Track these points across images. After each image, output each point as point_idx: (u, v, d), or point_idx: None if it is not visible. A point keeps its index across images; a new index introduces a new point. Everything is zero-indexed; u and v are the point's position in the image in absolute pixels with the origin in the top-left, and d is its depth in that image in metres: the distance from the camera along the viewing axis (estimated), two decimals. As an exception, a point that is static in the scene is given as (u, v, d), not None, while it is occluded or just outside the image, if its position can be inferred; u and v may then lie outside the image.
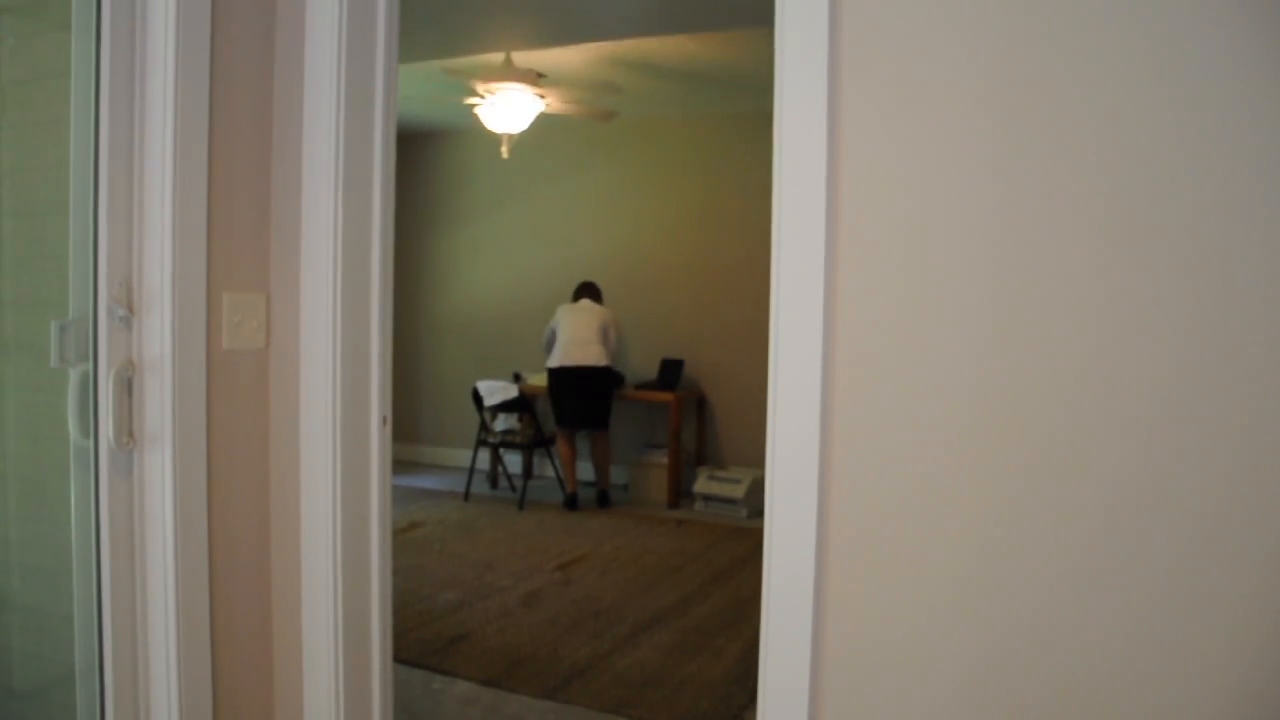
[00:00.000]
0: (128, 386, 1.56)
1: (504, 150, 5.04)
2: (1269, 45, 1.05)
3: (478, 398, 5.53)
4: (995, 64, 1.19)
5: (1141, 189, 1.11)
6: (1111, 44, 1.12)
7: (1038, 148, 1.17)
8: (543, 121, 5.00)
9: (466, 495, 5.67)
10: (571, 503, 5.45)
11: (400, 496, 5.41)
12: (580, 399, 5.32)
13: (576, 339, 5.31)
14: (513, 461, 6.16)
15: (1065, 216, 1.15)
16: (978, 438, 1.21)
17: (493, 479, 5.99)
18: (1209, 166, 1.08)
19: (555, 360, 5.33)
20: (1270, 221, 1.05)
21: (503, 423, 5.73)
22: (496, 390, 5.49)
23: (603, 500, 5.52)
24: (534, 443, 5.62)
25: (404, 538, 4.65)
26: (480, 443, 5.68)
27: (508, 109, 4.66)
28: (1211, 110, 1.07)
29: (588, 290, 5.61)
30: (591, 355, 5.28)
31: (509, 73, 4.48)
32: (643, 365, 6.00)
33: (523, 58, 4.49)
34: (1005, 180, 1.19)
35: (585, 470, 5.99)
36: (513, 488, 5.85)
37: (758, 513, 5.05)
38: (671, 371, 5.74)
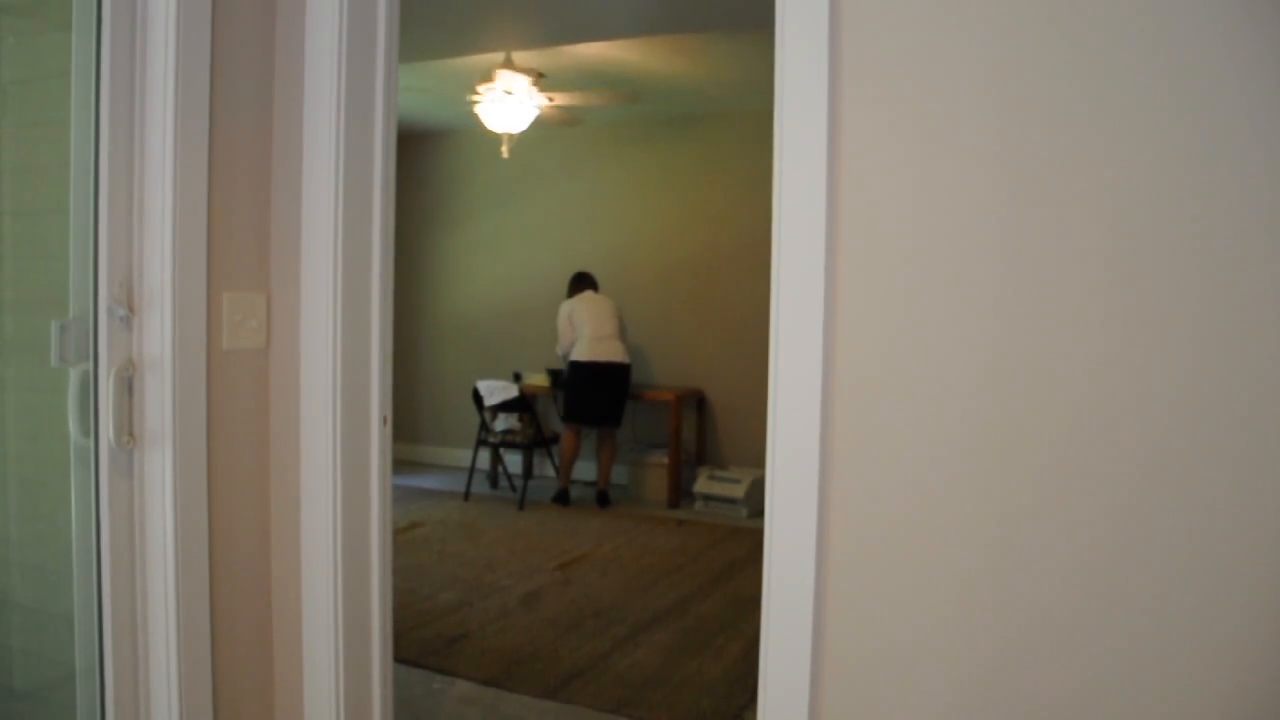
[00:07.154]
0: (128, 386, 1.56)
1: (504, 150, 5.04)
2: (1274, 45, 1.05)
3: (478, 397, 5.53)
4: (1000, 63, 1.18)
5: (1151, 199, 1.11)
6: (1121, 43, 1.12)
7: (1044, 150, 1.16)
8: (542, 121, 5.00)
9: (466, 495, 5.67)
10: (562, 497, 5.44)
11: (400, 496, 5.41)
12: (601, 396, 5.32)
13: (604, 335, 5.33)
14: (513, 461, 6.16)
15: (1072, 218, 1.15)
16: (980, 442, 1.21)
17: (493, 479, 5.99)
18: (1220, 174, 1.07)
19: (583, 354, 5.30)
20: None
21: (503, 422, 5.73)
22: (497, 390, 5.49)
23: (602, 500, 5.52)
24: (534, 442, 5.62)
25: (404, 538, 4.65)
26: (480, 442, 5.68)
27: (508, 108, 4.65)
28: (1224, 115, 1.07)
29: (588, 281, 5.59)
30: (618, 352, 5.32)
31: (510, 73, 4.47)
32: (641, 363, 6.00)
33: (518, 58, 4.49)
34: (1010, 182, 1.18)
35: (584, 470, 5.99)
36: (513, 488, 5.85)
37: (758, 513, 5.05)
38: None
